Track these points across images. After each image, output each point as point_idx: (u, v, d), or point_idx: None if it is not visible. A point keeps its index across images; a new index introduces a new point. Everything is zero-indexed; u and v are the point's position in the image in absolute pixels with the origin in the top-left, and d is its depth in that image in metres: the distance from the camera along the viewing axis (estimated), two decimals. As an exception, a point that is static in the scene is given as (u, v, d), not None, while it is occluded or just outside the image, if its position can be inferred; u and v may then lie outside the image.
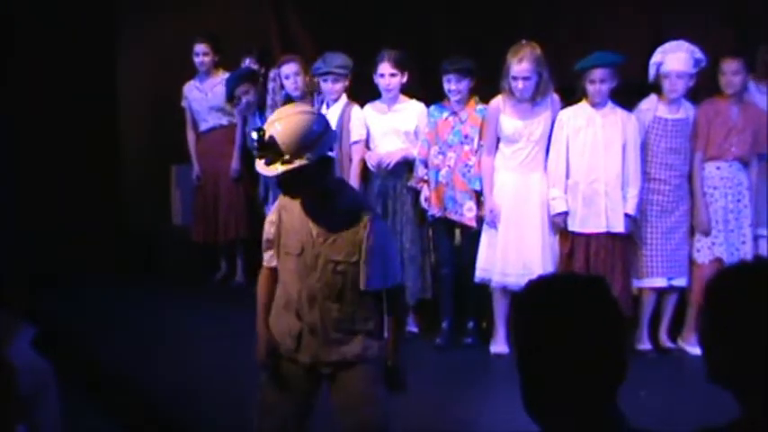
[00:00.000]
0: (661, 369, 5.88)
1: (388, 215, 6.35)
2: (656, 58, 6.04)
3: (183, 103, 8.08)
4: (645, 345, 6.21)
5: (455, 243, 6.39)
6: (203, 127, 8.07)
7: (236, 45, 7.96)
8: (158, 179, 8.65)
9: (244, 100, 7.34)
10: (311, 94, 6.83)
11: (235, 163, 7.92)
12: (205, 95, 7.99)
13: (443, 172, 6.25)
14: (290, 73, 6.80)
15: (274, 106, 6.88)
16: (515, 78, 5.92)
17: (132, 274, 8.15)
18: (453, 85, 6.16)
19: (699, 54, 6.01)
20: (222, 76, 7.91)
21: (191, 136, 8.11)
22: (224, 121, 8.00)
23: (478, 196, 6.21)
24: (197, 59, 7.93)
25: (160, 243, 8.64)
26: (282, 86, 6.85)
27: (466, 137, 6.25)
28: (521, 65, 5.89)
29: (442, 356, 6.22)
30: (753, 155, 6.12)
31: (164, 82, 8.31)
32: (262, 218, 7.61)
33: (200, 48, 7.90)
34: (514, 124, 6.06)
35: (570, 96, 6.12)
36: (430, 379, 5.78)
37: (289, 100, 6.84)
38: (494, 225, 6.12)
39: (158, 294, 7.67)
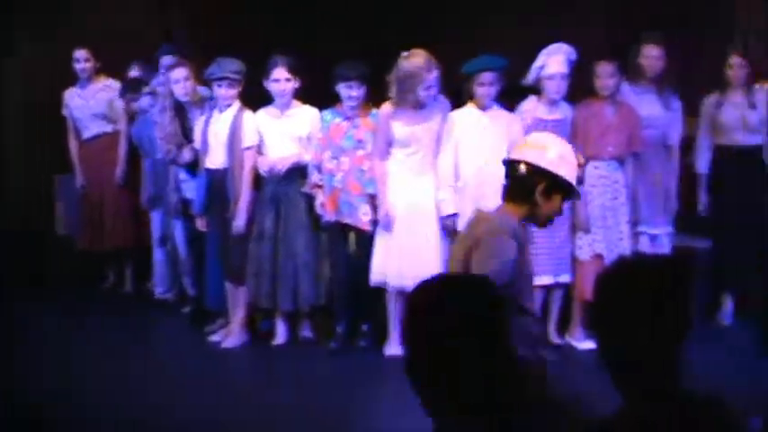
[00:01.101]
0: (551, 365, 6.00)
1: (280, 221, 6.35)
2: (539, 61, 6.19)
3: (65, 112, 7.92)
4: (534, 341, 6.35)
5: (349, 248, 6.42)
6: (86, 135, 7.92)
7: (123, 51, 7.83)
8: (42, 189, 8.45)
9: (135, 106, 7.29)
10: (200, 99, 6.78)
11: (119, 170, 7.81)
12: (86, 102, 7.84)
13: (338, 177, 6.29)
14: (179, 78, 6.72)
15: (163, 111, 6.81)
16: (429, 87, 6.00)
17: (17, 285, 7.94)
18: (354, 91, 6.21)
19: (573, 55, 6.19)
20: (104, 82, 7.79)
21: (73, 144, 7.96)
22: (108, 128, 7.87)
23: (374, 200, 6.27)
24: (78, 66, 7.77)
25: (46, 253, 8.44)
26: (172, 91, 6.78)
27: (360, 141, 6.29)
28: (431, 73, 5.98)
29: (337, 360, 6.25)
30: (628, 154, 6.34)
31: (46, 90, 8.12)
32: (147, 225, 7.58)
33: (80, 54, 7.75)
34: (406, 129, 6.14)
35: (457, 99, 6.23)
36: (325, 382, 5.83)
37: (178, 104, 6.78)
38: (389, 228, 6.18)
39: (44, 305, 7.50)
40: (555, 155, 3.56)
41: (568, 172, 3.56)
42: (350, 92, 6.20)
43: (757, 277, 6.37)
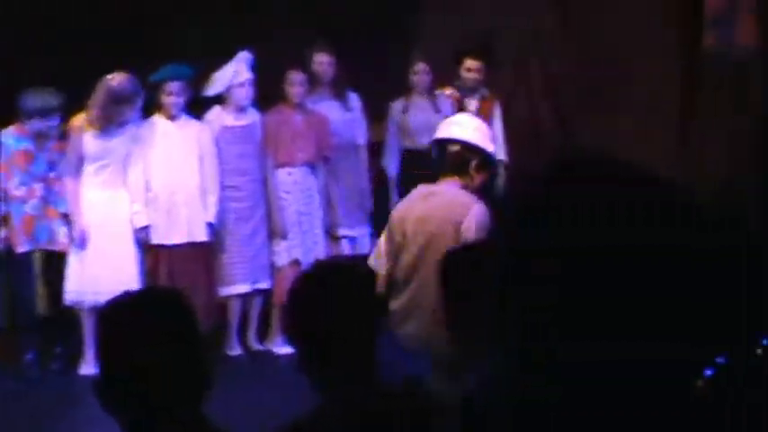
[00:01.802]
0: (253, 371, 6.04)
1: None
2: (229, 70, 6.20)
3: None
4: (235, 350, 6.35)
5: (39, 269, 6.12)
6: None
7: None
8: None
9: None
10: None
11: None
12: None
13: (32, 203, 6.00)
14: None
15: None
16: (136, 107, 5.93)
17: None
18: (52, 122, 5.96)
19: (252, 62, 6.27)
20: None
21: None
22: None
23: (68, 218, 6.03)
24: None
25: None
26: None
27: (52, 164, 6.04)
28: (140, 95, 5.92)
29: (27, 385, 5.94)
30: (319, 159, 6.48)
31: None
32: None
33: None
34: (98, 143, 5.99)
35: (145, 110, 6.14)
36: (15, 408, 5.53)
37: None
38: (83, 245, 5.98)
39: None
40: (480, 132, 4.01)
41: (491, 147, 4.01)
42: (47, 124, 5.95)
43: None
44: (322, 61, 6.60)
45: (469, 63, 6.95)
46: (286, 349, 6.13)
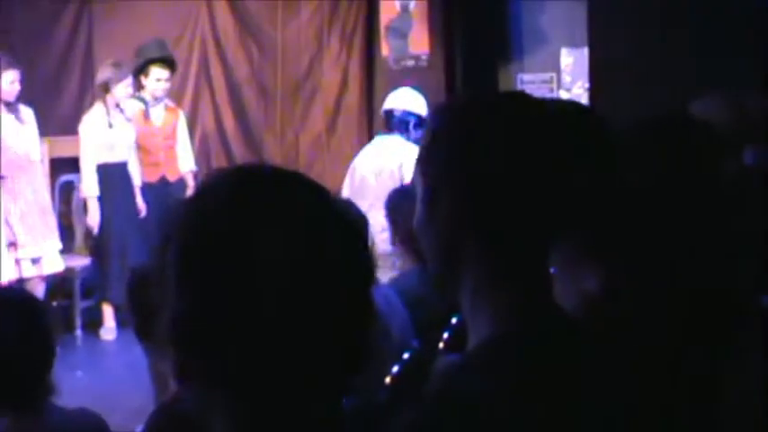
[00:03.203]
0: None
1: None
2: None
3: None
4: None
5: None
6: None
7: None
8: None
9: None
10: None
11: None
12: None
13: None
14: None
15: None
16: None
17: None
18: None
19: None
20: None
21: None
22: None
23: None
24: None
25: None
26: None
27: None
28: None
29: None
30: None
31: None
32: None
33: None
34: None
35: None
36: None
37: None
38: None
39: None
40: (417, 101, 5.61)
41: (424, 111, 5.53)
42: None
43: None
44: (14, 80, 6.24)
45: (158, 73, 6.84)
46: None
